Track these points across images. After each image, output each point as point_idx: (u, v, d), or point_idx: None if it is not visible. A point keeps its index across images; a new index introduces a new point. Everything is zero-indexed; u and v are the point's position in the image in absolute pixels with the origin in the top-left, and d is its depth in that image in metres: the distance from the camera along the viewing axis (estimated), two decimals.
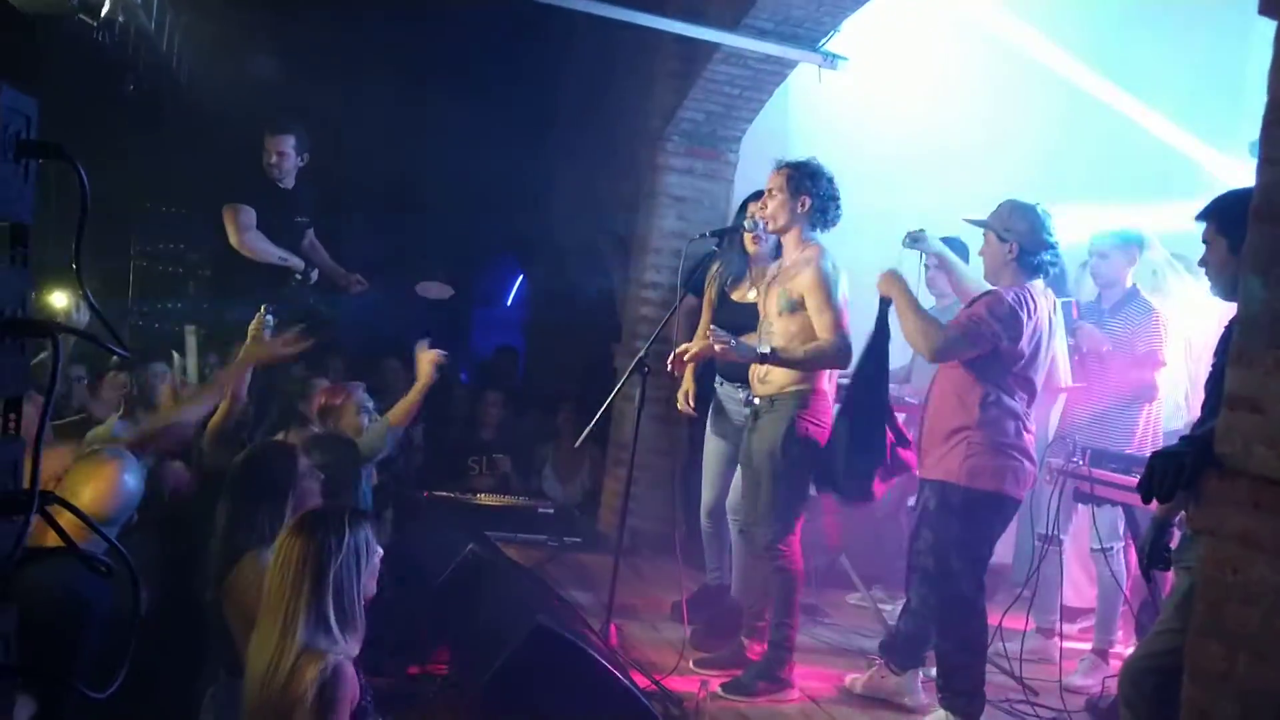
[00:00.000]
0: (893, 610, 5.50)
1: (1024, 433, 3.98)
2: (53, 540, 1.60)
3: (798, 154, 4.41)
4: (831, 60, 5.75)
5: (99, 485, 2.79)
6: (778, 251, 4.59)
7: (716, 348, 4.14)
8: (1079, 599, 5.29)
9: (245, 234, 5.43)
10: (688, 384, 4.98)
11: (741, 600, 4.72)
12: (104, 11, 4.33)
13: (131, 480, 2.87)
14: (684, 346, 4.39)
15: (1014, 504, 4.04)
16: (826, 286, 4.14)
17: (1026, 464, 3.97)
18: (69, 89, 5.35)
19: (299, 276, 5.59)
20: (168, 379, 5.40)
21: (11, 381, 1.64)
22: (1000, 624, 4.42)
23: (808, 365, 4.17)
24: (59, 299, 5.25)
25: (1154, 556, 3.01)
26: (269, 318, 4.37)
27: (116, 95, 5.73)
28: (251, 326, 4.42)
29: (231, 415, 4.13)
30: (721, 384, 4.97)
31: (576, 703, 3.07)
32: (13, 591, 1.65)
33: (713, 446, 5.01)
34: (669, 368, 4.43)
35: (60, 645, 2.05)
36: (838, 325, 4.12)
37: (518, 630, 3.12)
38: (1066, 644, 4.80)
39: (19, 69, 4.30)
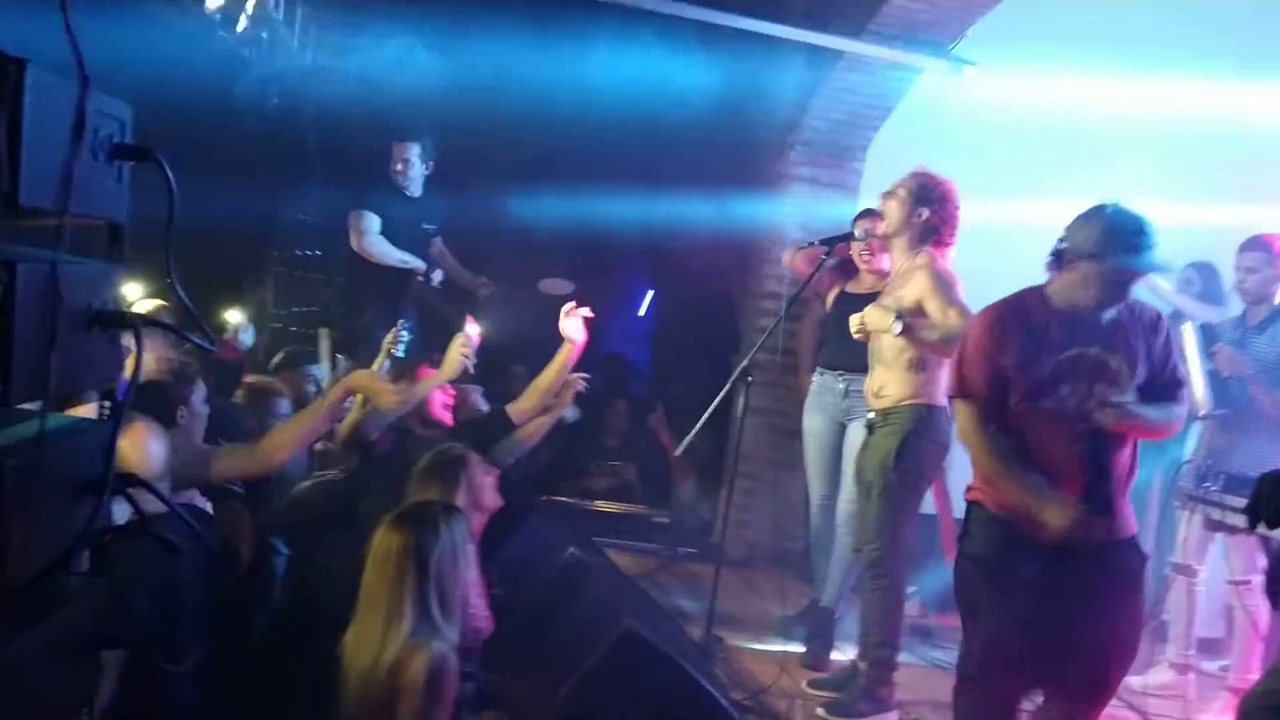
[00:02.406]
0: None
1: None
2: None
3: (929, 163, 4.32)
4: (959, 65, 5.62)
5: (127, 449, 2.80)
6: None
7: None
8: (1216, 632, 5.01)
9: (365, 238, 5.64)
10: None
11: (833, 607, 4.67)
12: (240, 26, 4.55)
13: (157, 445, 2.92)
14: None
15: None
16: (945, 283, 4.03)
17: None
18: (216, 102, 5.64)
19: (421, 279, 5.77)
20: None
21: (104, 370, 1.74)
22: None
23: (938, 347, 3.98)
24: (234, 315, 5.47)
25: (1276, 587, 2.83)
26: (404, 332, 4.50)
27: (260, 107, 6.02)
28: (387, 340, 4.56)
29: (369, 416, 4.24)
30: (821, 373, 4.96)
31: (662, 710, 3.06)
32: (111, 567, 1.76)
33: (812, 441, 4.99)
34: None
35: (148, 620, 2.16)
36: (966, 315, 3.89)
37: (607, 635, 3.13)
38: (1209, 681, 4.58)
39: (164, 81, 4.55)
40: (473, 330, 4.36)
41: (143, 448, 2.87)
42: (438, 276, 5.93)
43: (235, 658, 2.76)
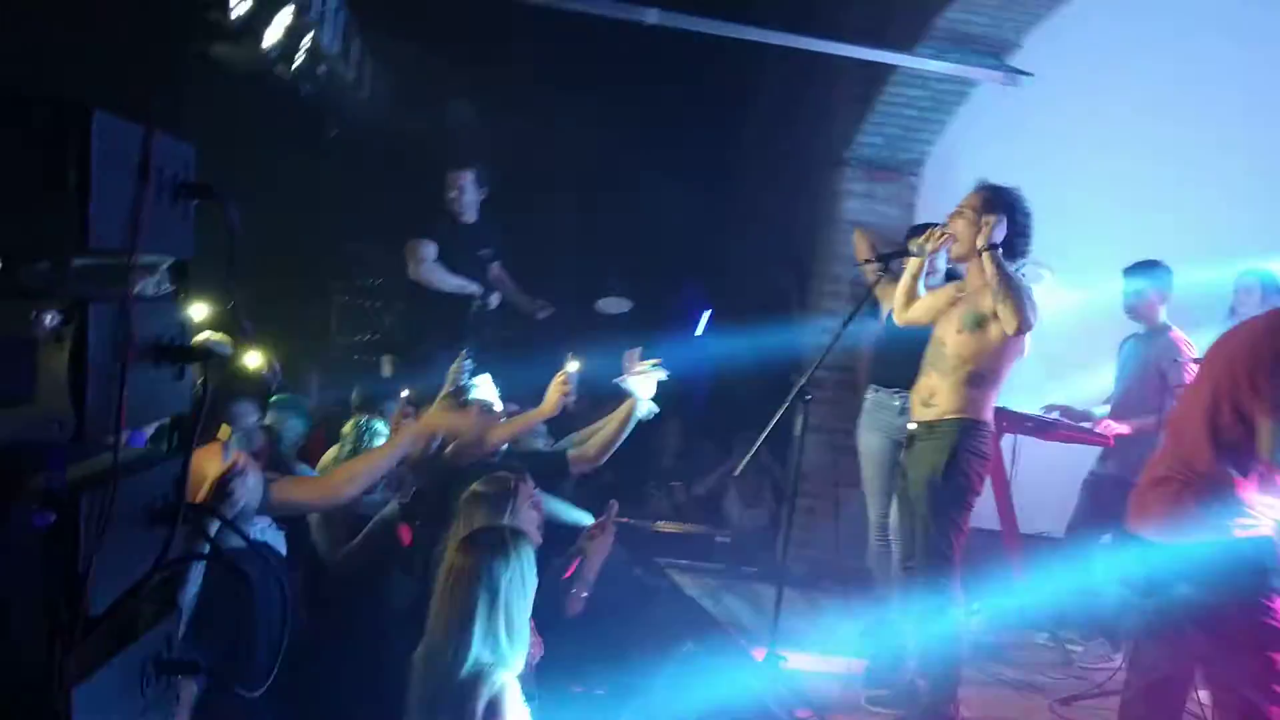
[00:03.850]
0: (1082, 652, 5.23)
1: None
2: None
3: (986, 175, 4.27)
4: (1014, 77, 5.56)
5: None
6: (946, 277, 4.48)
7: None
8: None
9: (422, 265, 5.73)
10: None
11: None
12: (296, 64, 4.65)
13: (250, 476, 2.85)
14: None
15: None
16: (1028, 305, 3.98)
17: None
18: (275, 137, 5.77)
19: (479, 302, 5.83)
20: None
21: (170, 403, 1.79)
22: None
23: (1010, 288, 3.89)
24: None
25: None
26: (468, 361, 4.55)
27: (319, 141, 6.13)
28: (452, 369, 4.61)
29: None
30: (876, 390, 4.90)
31: None
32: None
33: (868, 460, 4.95)
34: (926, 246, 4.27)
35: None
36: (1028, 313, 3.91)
37: (669, 654, 3.14)
38: None
39: (226, 119, 4.67)
40: (572, 367, 4.36)
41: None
42: (495, 299, 5.99)
43: (302, 678, 2.80)
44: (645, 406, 4.43)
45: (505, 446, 4.41)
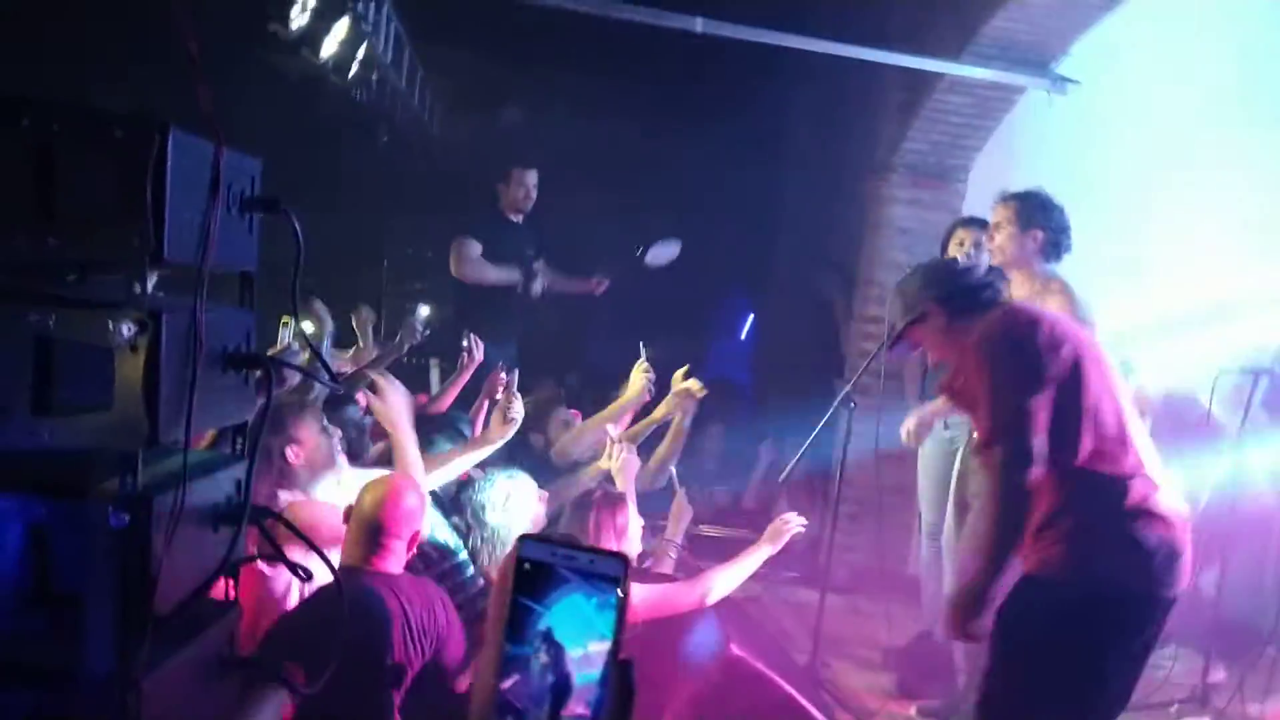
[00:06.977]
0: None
1: None
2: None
3: (1027, 182, 4.27)
4: (1061, 84, 5.53)
5: (382, 502, 2.93)
6: None
7: None
8: None
9: (464, 263, 5.75)
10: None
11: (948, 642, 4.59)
12: (351, 73, 4.74)
13: (413, 501, 2.99)
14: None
15: None
16: (1087, 312, 3.99)
17: None
18: (330, 143, 5.87)
19: (519, 291, 5.86)
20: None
21: (237, 409, 1.86)
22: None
23: None
24: None
25: None
26: (504, 375, 4.62)
27: (372, 146, 6.23)
28: (488, 382, 4.69)
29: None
30: (925, 405, 4.84)
31: None
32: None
33: (926, 465, 4.91)
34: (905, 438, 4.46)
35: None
36: None
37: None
38: None
39: (284, 128, 4.78)
40: (648, 354, 4.51)
41: (389, 505, 2.94)
42: (537, 287, 6.00)
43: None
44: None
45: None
